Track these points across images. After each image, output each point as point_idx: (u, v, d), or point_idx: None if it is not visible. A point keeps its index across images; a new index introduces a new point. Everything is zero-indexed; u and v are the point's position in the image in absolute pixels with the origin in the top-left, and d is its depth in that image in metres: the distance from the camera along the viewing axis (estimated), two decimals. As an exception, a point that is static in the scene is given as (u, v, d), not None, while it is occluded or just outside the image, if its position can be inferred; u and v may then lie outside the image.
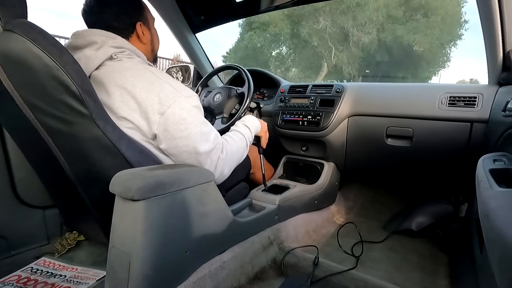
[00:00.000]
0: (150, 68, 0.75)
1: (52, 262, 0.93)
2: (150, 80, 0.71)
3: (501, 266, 0.38)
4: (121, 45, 0.74)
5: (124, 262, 0.56)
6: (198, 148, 0.73)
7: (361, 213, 1.47)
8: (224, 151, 0.82)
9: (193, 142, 0.72)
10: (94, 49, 0.71)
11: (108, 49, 0.71)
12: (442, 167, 1.14)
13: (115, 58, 0.73)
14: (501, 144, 0.77)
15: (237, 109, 1.18)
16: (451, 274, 0.96)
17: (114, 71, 0.71)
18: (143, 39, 0.82)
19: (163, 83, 0.71)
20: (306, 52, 14.54)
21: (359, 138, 1.25)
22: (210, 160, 0.77)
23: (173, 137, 0.71)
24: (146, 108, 0.68)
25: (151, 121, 0.69)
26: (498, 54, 0.96)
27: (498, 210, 0.43)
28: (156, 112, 0.68)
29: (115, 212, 0.59)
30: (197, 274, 0.72)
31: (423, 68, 14.75)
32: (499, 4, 0.86)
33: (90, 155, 0.64)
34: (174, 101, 0.69)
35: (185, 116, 0.71)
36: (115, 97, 0.69)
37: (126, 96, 0.68)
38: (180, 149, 0.72)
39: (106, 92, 0.69)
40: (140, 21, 0.80)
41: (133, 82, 0.69)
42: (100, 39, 0.72)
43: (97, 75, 0.71)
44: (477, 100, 1.00)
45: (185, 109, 0.71)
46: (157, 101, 0.68)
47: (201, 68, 1.78)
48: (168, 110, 0.69)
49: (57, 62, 0.55)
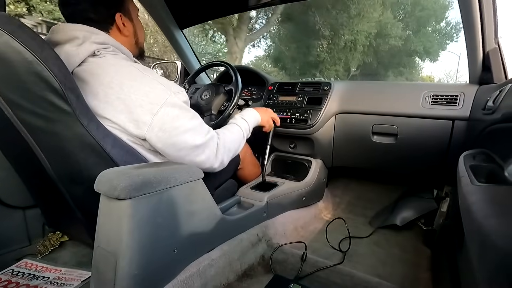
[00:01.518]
0: (135, 65, 0.73)
1: (34, 264, 0.90)
2: (138, 78, 0.68)
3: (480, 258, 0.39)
4: (105, 41, 0.71)
5: (110, 262, 0.55)
6: (195, 141, 0.73)
7: (347, 209, 1.50)
8: (221, 139, 0.82)
9: (189, 136, 0.72)
10: (75, 45, 0.67)
11: (91, 45, 0.68)
12: (425, 163, 1.17)
13: (98, 55, 0.69)
14: (481, 141, 0.80)
15: (225, 106, 1.18)
16: (433, 267, 0.99)
17: (98, 69, 0.67)
18: (124, 31, 0.78)
19: (151, 81, 0.69)
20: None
21: (346, 135, 1.27)
22: (209, 150, 0.77)
23: (170, 135, 0.69)
24: (135, 109, 0.66)
25: (141, 122, 0.66)
26: (478, 54, 0.99)
27: (478, 204, 0.45)
28: (148, 113, 0.66)
29: (100, 211, 0.58)
30: (185, 273, 0.71)
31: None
32: (479, 7, 0.89)
33: (73, 154, 0.62)
34: (165, 100, 0.68)
35: (178, 113, 0.70)
36: (99, 97, 0.66)
37: (112, 96, 0.66)
38: (178, 146, 0.71)
39: (89, 92, 0.66)
40: (120, 12, 0.76)
41: (119, 81, 0.66)
42: (82, 34, 0.68)
43: (80, 73, 0.67)
44: (458, 98, 1.04)
45: (176, 106, 0.70)
46: (147, 101, 0.66)
47: (188, 65, 1.76)
48: (161, 110, 0.67)
49: (37, 57, 0.53)
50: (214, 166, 0.80)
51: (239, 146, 0.92)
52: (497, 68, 0.97)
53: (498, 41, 0.96)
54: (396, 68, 14.44)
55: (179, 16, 1.52)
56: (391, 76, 14.32)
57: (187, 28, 1.64)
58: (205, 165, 0.78)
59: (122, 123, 0.66)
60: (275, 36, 12.38)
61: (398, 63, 14.13)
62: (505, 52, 0.97)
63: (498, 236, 0.34)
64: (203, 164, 0.77)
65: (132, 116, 0.66)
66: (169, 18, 1.50)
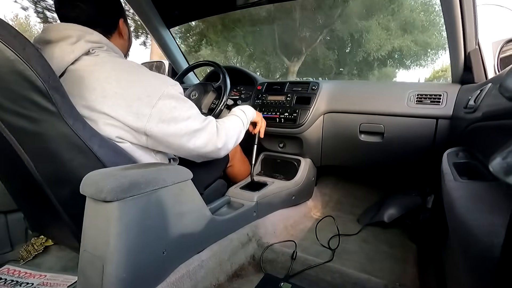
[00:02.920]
0: (130, 61, 0.74)
1: (17, 270, 0.87)
2: (134, 73, 0.70)
3: (464, 252, 0.41)
4: (99, 40, 0.71)
5: (97, 266, 0.54)
6: (193, 126, 0.75)
7: (336, 207, 1.51)
8: (220, 123, 0.85)
9: (188, 124, 0.74)
10: (69, 43, 0.67)
11: (86, 44, 0.68)
12: (411, 161, 1.20)
13: (93, 53, 0.69)
14: (464, 139, 0.82)
15: (215, 103, 1.17)
16: (419, 261, 1.02)
17: (94, 65, 0.68)
18: (123, 35, 0.81)
19: (147, 75, 0.71)
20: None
21: (334, 134, 1.28)
22: (208, 133, 0.79)
23: (169, 125, 0.71)
24: (134, 103, 0.67)
25: (141, 114, 0.67)
26: (460, 55, 1.03)
27: (461, 200, 0.46)
28: (147, 106, 0.68)
29: (86, 214, 0.56)
30: (175, 275, 0.70)
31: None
32: (461, 9, 0.92)
33: (58, 155, 0.60)
34: (163, 92, 0.70)
35: (175, 104, 0.72)
36: (97, 92, 0.66)
37: (110, 91, 0.66)
38: (178, 134, 0.73)
39: (86, 88, 0.66)
40: (122, 17, 0.79)
41: (116, 76, 0.67)
42: (76, 33, 0.68)
43: (74, 69, 0.67)
44: (441, 98, 1.07)
45: (173, 98, 0.72)
46: (146, 95, 0.68)
47: (176, 64, 1.74)
48: (159, 102, 0.69)
49: (19, 55, 0.51)
50: (218, 146, 0.82)
51: (240, 133, 0.94)
52: (477, 68, 1.01)
53: (478, 42, 1.00)
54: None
55: (166, 16, 1.50)
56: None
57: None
58: (208, 147, 0.80)
59: (121, 117, 0.67)
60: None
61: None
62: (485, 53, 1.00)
63: (480, 231, 0.35)
64: (206, 146, 0.79)
65: (131, 109, 0.67)
66: (156, 17, 1.48)
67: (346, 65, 10.64)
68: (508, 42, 0.96)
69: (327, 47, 10.00)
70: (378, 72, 10.81)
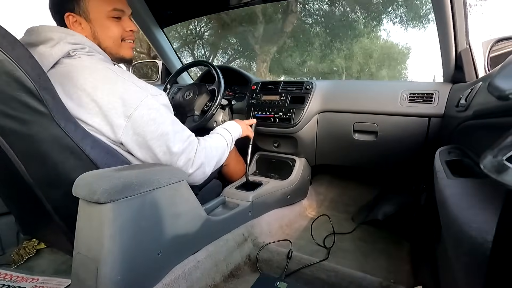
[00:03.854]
0: (111, 66, 0.70)
1: (8, 274, 0.86)
2: (112, 80, 0.66)
3: (456, 249, 0.41)
4: (80, 41, 0.68)
5: (90, 268, 0.53)
6: (172, 148, 0.71)
7: (331, 206, 1.52)
8: (201, 146, 0.80)
9: (165, 141, 0.69)
10: (49, 46, 0.65)
11: (65, 46, 0.66)
12: (404, 159, 1.21)
13: (73, 56, 0.67)
14: (455, 137, 0.83)
15: (208, 105, 1.17)
16: (413, 259, 1.03)
17: (72, 71, 0.65)
18: (81, 32, 0.74)
19: (126, 82, 0.66)
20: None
21: (328, 133, 1.29)
22: (185, 158, 0.75)
23: (144, 139, 0.67)
24: (109, 112, 0.64)
25: (115, 125, 0.65)
26: (451, 54, 1.04)
27: (453, 198, 0.47)
28: (121, 116, 0.64)
29: (79, 216, 0.56)
30: (170, 276, 0.70)
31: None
32: (451, 8, 0.93)
33: (50, 157, 0.59)
34: (140, 101, 0.66)
35: (154, 116, 0.68)
36: (73, 99, 0.64)
37: (86, 99, 0.63)
38: (154, 150, 0.69)
39: (63, 93, 0.63)
40: (70, 11, 0.72)
41: (93, 83, 0.64)
42: (57, 35, 0.66)
43: (54, 74, 0.64)
44: (434, 96, 1.08)
45: (153, 109, 0.68)
46: (121, 104, 0.64)
47: (170, 64, 1.73)
48: (135, 112, 0.65)
49: (8, 56, 0.50)
50: (189, 171, 0.77)
51: (223, 154, 0.91)
52: (468, 67, 1.02)
53: (469, 42, 1.01)
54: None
55: (159, 15, 1.49)
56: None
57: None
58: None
59: (99, 126, 0.65)
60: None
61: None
62: (475, 52, 1.02)
63: (472, 228, 0.36)
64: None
65: (107, 119, 0.64)
66: (149, 17, 1.47)
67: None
68: (498, 42, 0.97)
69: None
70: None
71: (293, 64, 9.82)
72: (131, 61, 0.87)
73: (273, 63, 9.03)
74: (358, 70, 11.37)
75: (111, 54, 0.77)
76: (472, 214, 0.39)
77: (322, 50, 9.40)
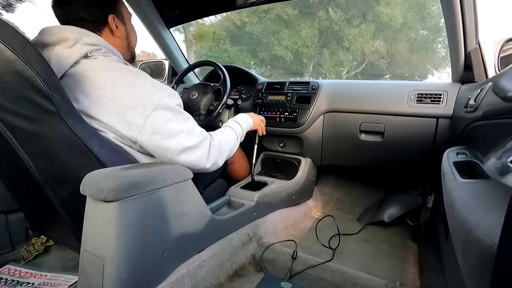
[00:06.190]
0: (129, 67, 0.72)
1: (18, 270, 0.87)
2: (131, 80, 0.68)
3: (464, 252, 0.41)
4: (97, 43, 0.70)
5: (97, 266, 0.54)
6: (187, 143, 0.73)
7: (337, 206, 1.52)
8: (214, 140, 0.83)
9: (181, 139, 0.72)
10: (66, 46, 0.66)
11: (83, 47, 0.67)
12: (411, 161, 1.20)
13: (91, 56, 0.68)
14: (464, 138, 0.82)
15: (214, 105, 1.17)
16: (420, 261, 1.02)
17: (90, 70, 0.67)
18: (116, 33, 0.77)
19: (144, 83, 0.69)
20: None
21: (334, 134, 1.28)
22: (201, 151, 0.77)
23: (162, 138, 0.69)
24: (127, 112, 0.65)
25: (133, 125, 0.66)
26: (460, 54, 1.02)
27: (461, 200, 0.46)
28: (140, 116, 0.66)
29: (86, 214, 0.56)
30: (175, 275, 0.70)
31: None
32: (461, 8, 0.91)
33: (58, 155, 0.60)
34: (158, 102, 0.68)
35: (170, 116, 0.70)
36: (91, 98, 0.65)
37: (104, 98, 0.65)
38: (171, 148, 0.71)
39: (81, 92, 0.65)
40: (113, 13, 0.75)
41: (112, 83, 0.65)
42: (73, 36, 0.67)
43: (72, 74, 0.66)
44: (442, 97, 1.06)
45: (169, 109, 0.70)
46: (140, 104, 0.66)
47: (176, 64, 1.74)
48: (154, 113, 0.67)
49: (19, 56, 0.51)
50: (207, 166, 0.80)
51: (233, 147, 0.92)
52: (478, 67, 1.00)
53: (478, 41, 1.00)
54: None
55: (166, 15, 1.50)
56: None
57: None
58: (198, 165, 0.78)
59: (114, 125, 0.66)
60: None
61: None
62: (485, 52, 1.00)
63: (481, 230, 0.35)
64: (195, 164, 0.77)
65: (125, 118, 0.66)
66: (156, 17, 1.48)
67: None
68: (509, 41, 0.95)
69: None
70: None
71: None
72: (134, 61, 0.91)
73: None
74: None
75: (132, 53, 0.84)
76: (480, 216, 0.38)
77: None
